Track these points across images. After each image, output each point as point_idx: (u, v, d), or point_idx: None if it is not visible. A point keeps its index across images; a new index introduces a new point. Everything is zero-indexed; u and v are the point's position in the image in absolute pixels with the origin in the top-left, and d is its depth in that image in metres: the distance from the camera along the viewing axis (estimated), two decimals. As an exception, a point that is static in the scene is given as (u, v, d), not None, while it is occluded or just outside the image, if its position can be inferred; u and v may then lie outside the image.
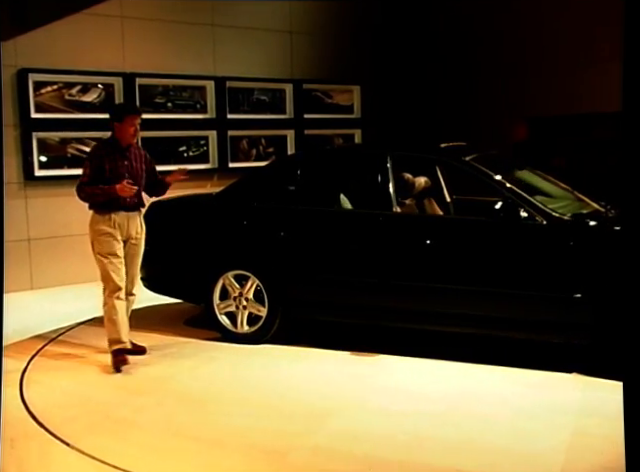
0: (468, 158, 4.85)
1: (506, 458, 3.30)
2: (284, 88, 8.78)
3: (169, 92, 7.87)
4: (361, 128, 9.38)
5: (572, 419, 3.71)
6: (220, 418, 3.88)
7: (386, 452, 3.40)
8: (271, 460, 3.35)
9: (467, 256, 4.61)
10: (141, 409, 4.04)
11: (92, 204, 4.76)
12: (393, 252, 4.78)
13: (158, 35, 7.78)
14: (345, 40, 9.25)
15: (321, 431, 3.67)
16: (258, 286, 5.09)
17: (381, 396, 4.14)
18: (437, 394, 4.14)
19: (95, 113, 7.34)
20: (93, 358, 4.94)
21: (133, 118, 4.74)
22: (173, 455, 3.43)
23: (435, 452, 3.37)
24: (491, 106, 8.81)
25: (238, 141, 8.51)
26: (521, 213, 4.43)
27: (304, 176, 5.51)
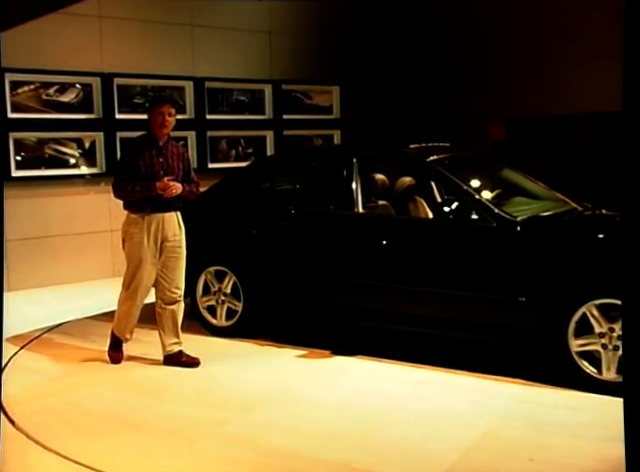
0: (430, 159, 4.86)
1: (402, 455, 3.33)
2: (263, 88, 8.77)
3: (148, 92, 7.82)
4: (340, 129, 9.40)
5: (487, 422, 3.68)
6: (161, 405, 4.05)
7: (294, 444, 3.48)
8: (180, 446, 3.49)
9: (419, 257, 4.65)
10: (120, 409, 4.04)
11: (127, 204, 4.57)
12: (352, 251, 4.88)
13: (136, 35, 7.74)
14: (324, 41, 9.27)
15: (240, 421, 3.78)
16: (235, 282, 5.27)
17: (317, 393, 4.18)
18: (372, 394, 4.15)
19: (73, 113, 7.30)
20: (70, 360, 4.90)
21: (161, 107, 4.50)
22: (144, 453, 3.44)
23: (339, 448, 3.43)
24: (470, 107, 8.87)
25: (217, 142, 8.49)
26: (472, 215, 4.43)
27: (278, 176, 5.82)
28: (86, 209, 7.51)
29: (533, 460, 3.24)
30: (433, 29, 9.33)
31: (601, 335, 3.96)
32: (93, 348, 5.15)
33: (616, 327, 3.90)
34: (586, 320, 4.00)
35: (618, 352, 3.89)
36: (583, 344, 4.03)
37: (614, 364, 3.92)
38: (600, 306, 3.96)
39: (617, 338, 3.90)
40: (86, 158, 7.50)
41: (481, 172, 5.60)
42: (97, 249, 7.63)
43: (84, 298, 6.69)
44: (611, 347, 3.93)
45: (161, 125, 4.48)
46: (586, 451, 3.32)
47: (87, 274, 7.45)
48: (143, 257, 4.52)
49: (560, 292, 4.11)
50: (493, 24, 8.70)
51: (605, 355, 3.96)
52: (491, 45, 8.72)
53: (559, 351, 4.10)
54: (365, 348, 4.93)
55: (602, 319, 3.96)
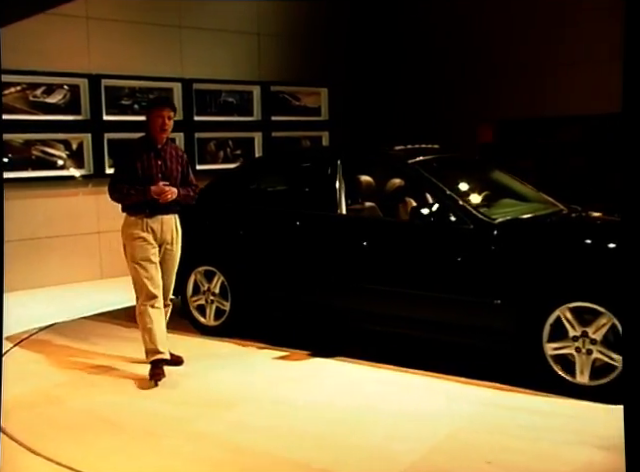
0: (411, 161, 4.87)
1: (362, 455, 3.37)
2: (251, 90, 8.77)
3: (135, 94, 7.79)
4: (329, 130, 9.41)
5: (454, 424, 3.69)
6: (137, 403, 4.14)
7: (260, 443, 3.53)
8: (150, 442, 3.56)
9: (398, 258, 4.66)
10: (97, 407, 4.08)
11: (125, 206, 4.49)
12: (333, 252, 4.90)
13: (124, 36, 7.71)
14: (313, 42, 9.28)
15: (211, 419, 3.84)
16: (223, 282, 5.32)
17: (290, 393, 4.19)
18: (343, 395, 4.16)
19: (60, 115, 7.27)
20: (54, 361, 4.88)
21: (160, 110, 4.42)
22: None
23: (303, 447, 3.47)
24: (459, 108, 8.91)
25: (205, 143, 8.48)
26: (451, 217, 4.43)
27: (266, 177, 5.87)
28: (74, 211, 7.48)
29: (491, 463, 3.25)
30: (422, 31, 9.37)
31: (575, 339, 3.93)
32: (80, 349, 5.16)
33: (589, 331, 3.89)
34: (561, 323, 3.99)
35: (591, 356, 3.89)
36: (557, 348, 4.01)
37: (587, 368, 3.91)
38: (574, 309, 3.94)
39: (590, 342, 3.88)
40: (74, 160, 7.46)
41: (470, 174, 5.63)
42: (85, 251, 7.60)
43: (72, 300, 6.67)
44: (584, 351, 3.91)
45: (161, 129, 4.42)
46: (547, 455, 3.33)
47: (75, 276, 7.42)
48: (147, 256, 4.43)
49: (535, 295, 4.09)
50: (481, 26, 8.75)
51: (579, 359, 3.93)
52: (479, 47, 8.76)
53: (534, 354, 4.08)
54: (347, 349, 4.93)
55: (576, 322, 3.93)
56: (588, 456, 3.29)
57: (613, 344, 3.84)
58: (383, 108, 9.58)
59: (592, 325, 3.89)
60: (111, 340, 5.41)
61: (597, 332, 3.87)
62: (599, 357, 3.89)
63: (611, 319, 3.82)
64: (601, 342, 3.87)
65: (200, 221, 5.57)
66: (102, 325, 5.87)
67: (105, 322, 5.96)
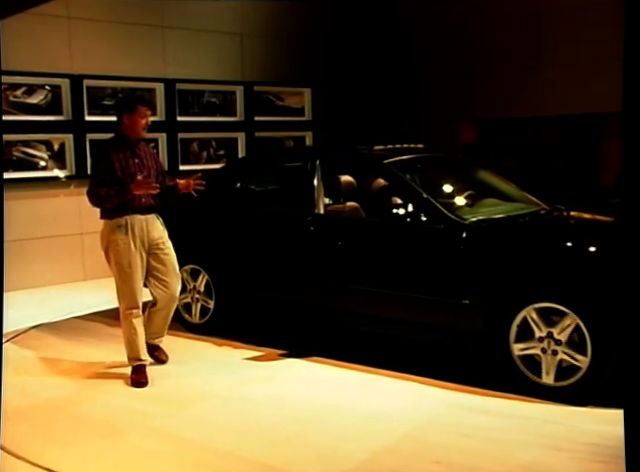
0: (387, 161, 4.88)
1: (313, 453, 3.40)
2: (235, 90, 8.76)
3: (118, 94, 7.75)
4: (312, 130, 9.42)
5: (412, 424, 3.72)
6: (103, 397, 4.25)
7: (217, 440, 3.58)
8: (109, 436, 3.66)
9: (370, 257, 4.68)
10: (67, 401, 4.14)
11: (103, 212, 4.38)
12: (310, 251, 4.93)
13: (106, 36, 7.67)
14: (296, 42, 9.29)
15: (172, 416, 3.91)
16: (208, 280, 5.40)
17: (256, 392, 4.23)
18: (308, 394, 4.18)
19: (41, 115, 7.21)
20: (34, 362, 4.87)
21: (146, 109, 4.38)
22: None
23: (258, 444, 3.52)
24: (441, 108, 8.95)
25: (188, 144, 8.45)
26: (422, 217, 4.44)
27: (249, 178, 5.96)
28: (56, 212, 7.43)
29: (439, 462, 3.28)
30: (404, 31, 9.40)
31: (540, 339, 3.95)
32: (61, 350, 5.16)
33: (555, 331, 3.90)
34: (527, 324, 3.99)
35: (557, 357, 3.90)
36: (524, 348, 4.02)
37: (553, 368, 3.92)
38: (540, 310, 3.95)
39: (555, 343, 3.90)
40: (55, 160, 7.42)
41: (454, 173, 5.67)
42: (68, 252, 7.55)
43: (55, 301, 6.63)
44: (550, 352, 3.92)
45: (143, 128, 4.38)
46: (495, 455, 3.35)
47: (57, 278, 7.37)
48: (133, 262, 4.33)
49: (502, 296, 4.10)
50: (463, 27, 8.79)
51: (544, 359, 3.95)
52: (461, 48, 8.81)
53: (501, 355, 4.09)
54: (324, 349, 4.95)
55: (542, 323, 3.94)
56: (536, 457, 3.32)
57: (578, 345, 3.85)
58: (366, 108, 9.60)
59: (557, 326, 3.90)
60: (93, 341, 5.41)
61: (562, 333, 3.88)
62: (564, 358, 3.90)
63: (575, 320, 3.84)
64: (566, 343, 3.88)
65: (186, 220, 5.60)
66: (84, 326, 5.85)
67: (88, 323, 5.94)
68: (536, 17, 8.11)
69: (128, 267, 4.34)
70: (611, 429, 3.51)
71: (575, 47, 7.76)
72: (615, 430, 3.48)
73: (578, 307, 3.85)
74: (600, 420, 3.68)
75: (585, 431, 3.57)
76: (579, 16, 7.64)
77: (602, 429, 3.57)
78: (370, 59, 9.67)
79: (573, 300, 3.88)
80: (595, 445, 3.41)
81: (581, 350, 3.84)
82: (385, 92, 9.63)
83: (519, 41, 8.28)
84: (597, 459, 3.28)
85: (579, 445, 3.41)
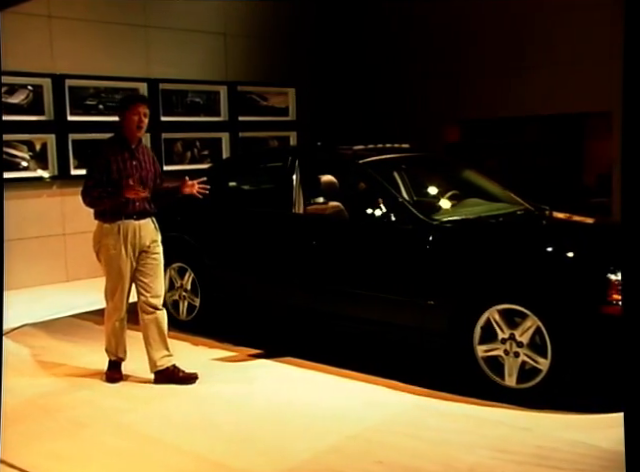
0: (362, 161, 4.88)
1: (260, 451, 3.45)
2: (218, 90, 8.73)
3: (101, 94, 7.71)
4: (296, 130, 9.41)
5: (365, 425, 3.72)
6: (69, 392, 4.34)
7: (171, 435, 3.66)
8: (75, 433, 3.74)
9: (342, 257, 4.71)
10: (39, 396, 4.18)
11: (98, 213, 4.31)
12: (285, 250, 4.98)
13: (88, 36, 7.62)
14: (280, 42, 9.27)
15: (135, 412, 4.01)
16: (194, 278, 5.49)
17: (220, 390, 4.27)
18: (269, 394, 4.21)
19: (23, 115, 7.15)
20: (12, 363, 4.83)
21: (137, 106, 4.26)
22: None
23: (209, 441, 3.58)
24: (425, 109, 8.97)
25: (172, 144, 8.42)
26: (392, 217, 4.45)
27: (233, 177, 6.02)
28: (38, 213, 7.37)
29: (382, 462, 3.30)
30: (388, 32, 9.41)
31: (503, 341, 3.93)
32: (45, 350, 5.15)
33: (516, 333, 3.88)
34: (491, 326, 3.97)
35: (519, 359, 3.88)
36: (487, 350, 4.00)
37: (515, 371, 3.90)
38: (502, 311, 3.93)
39: (517, 345, 3.88)
40: (37, 161, 7.36)
41: (439, 173, 5.68)
42: (50, 253, 7.49)
43: (37, 303, 6.58)
44: (512, 353, 3.90)
45: (137, 127, 4.26)
46: (440, 457, 3.35)
47: (40, 279, 7.31)
48: (122, 268, 4.29)
49: (465, 297, 4.09)
50: (446, 29, 8.81)
51: (507, 361, 3.92)
52: (445, 48, 8.83)
53: (466, 356, 4.07)
54: (301, 349, 4.97)
55: (504, 325, 3.92)
56: (480, 459, 3.31)
57: (540, 347, 3.82)
58: (351, 108, 9.61)
59: (519, 328, 3.88)
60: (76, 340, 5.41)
61: (523, 335, 3.86)
62: (526, 360, 3.87)
63: (536, 322, 3.81)
64: (528, 345, 3.86)
65: (173, 218, 5.63)
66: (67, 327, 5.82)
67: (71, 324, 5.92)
68: (519, 18, 8.15)
69: (117, 273, 4.31)
70: (564, 434, 3.51)
71: (557, 48, 7.81)
72: (568, 435, 3.51)
73: (538, 309, 3.82)
74: (555, 424, 3.65)
75: (537, 435, 3.54)
76: (561, 17, 7.69)
77: (555, 434, 3.53)
78: (354, 59, 9.67)
79: (534, 302, 3.85)
80: (543, 449, 3.38)
81: (542, 352, 3.81)
82: (369, 92, 9.64)
83: (502, 42, 8.31)
84: (541, 463, 3.25)
85: (527, 448, 3.39)
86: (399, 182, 5.41)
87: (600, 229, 4.85)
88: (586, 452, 3.34)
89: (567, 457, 3.31)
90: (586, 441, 3.43)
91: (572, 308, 3.76)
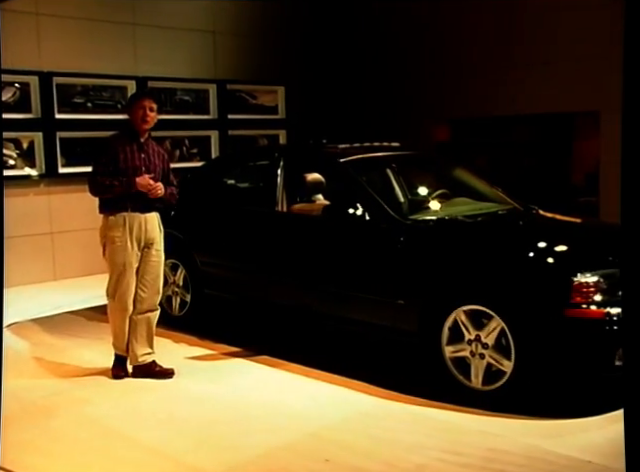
0: (343, 160, 4.88)
1: (213, 446, 3.52)
2: (207, 88, 8.70)
3: (89, 92, 7.66)
4: (286, 129, 9.39)
5: (323, 425, 3.75)
6: (43, 383, 4.45)
7: (132, 429, 3.74)
8: (37, 421, 3.85)
9: (320, 255, 4.72)
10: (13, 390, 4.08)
11: (103, 205, 4.32)
12: (265, 247, 5.03)
13: (76, 33, 7.57)
14: (269, 41, 9.25)
15: (102, 405, 4.08)
16: (186, 275, 5.56)
17: (189, 386, 4.33)
18: (235, 391, 4.24)
19: (10, 113, 7.09)
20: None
21: (141, 101, 4.34)
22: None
23: (167, 434, 3.67)
24: (415, 108, 8.98)
25: (161, 142, 8.34)
26: (366, 216, 4.44)
27: (224, 176, 6.08)
28: (25, 211, 7.31)
29: (329, 461, 3.32)
30: (378, 30, 9.41)
31: (469, 342, 3.91)
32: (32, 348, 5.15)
33: (482, 334, 3.85)
34: (459, 326, 3.96)
35: (484, 360, 3.86)
36: (455, 351, 3.98)
37: (481, 372, 3.87)
38: (469, 312, 3.91)
39: (482, 346, 3.85)
40: (24, 159, 7.30)
41: (429, 172, 5.68)
42: (38, 252, 7.44)
43: (24, 302, 6.53)
44: (478, 355, 3.88)
45: (142, 120, 4.30)
46: (388, 457, 3.35)
47: (27, 278, 7.25)
48: (127, 261, 4.28)
49: (433, 297, 4.07)
50: (437, 27, 8.82)
51: (473, 362, 3.90)
52: (435, 48, 8.84)
53: (434, 357, 4.06)
54: (279, 347, 5.00)
55: (471, 326, 3.90)
56: (428, 460, 3.30)
57: (505, 349, 3.78)
58: (341, 107, 9.60)
59: (484, 329, 3.86)
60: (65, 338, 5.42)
61: (489, 336, 3.83)
62: (491, 362, 3.85)
63: (500, 323, 3.77)
64: (493, 347, 3.82)
65: (166, 214, 5.61)
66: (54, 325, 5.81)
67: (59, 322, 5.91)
68: (508, 18, 8.17)
69: (122, 265, 4.29)
70: (521, 438, 3.47)
71: (546, 48, 7.84)
72: (524, 439, 3.47)
73: (502, 310, 3.78)
74: (514, 428, 3.60)
75: (492, 438, 3.50)
76: (551, 16, 7.72)
77: (511, 437, 3.50)
78: (344, 58, 9.67)
79: (498, 303, 3.81)
80: (494, 452, 3.35)
81: (507, 355, 3.78)
82: (359, 91, 9.64)
83: (491, 42, 8.34)
84: (487, 466, 3.23)
85: (479, 451, 3.37)
86: (387, 181, 5.38)
87: (581, 229, 4.80)
88: (539, 456, 3.29)
89: (516, 461, 3.26)
90: (543, 446, 3.38)
91: (535, 310, 3.71)
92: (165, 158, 4.54)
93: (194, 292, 5.51)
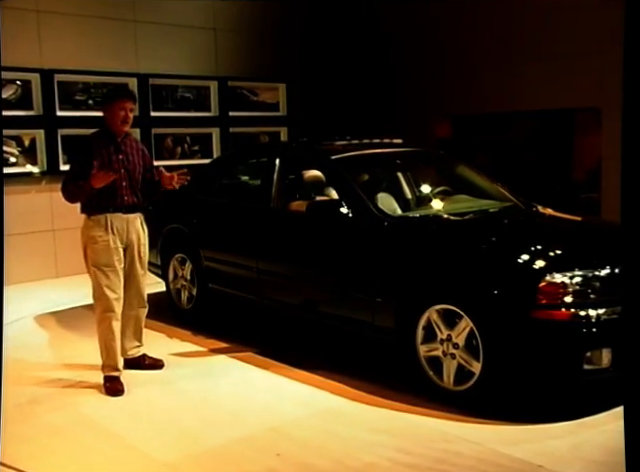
0: (335, 157, 4.89)
1: (170, 433, 3.64)
2: (209, 85, 8.70)
3: (90, 89, 7.66)
4: (287, 126, 9.39)
5: (285, 420, 3.77)
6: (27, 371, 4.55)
7: (100, 417, 3.88)
8: (24, 414, 3.90)
9: (305, 250, 4.76)
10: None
11: (84, 206, 4.19)
12: (260, 245, 5.07)
13: (77, 31, 7.57)
14: (270, 37, 9.24)
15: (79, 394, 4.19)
16: (192, 269, 5.66)
17: (174, 381, 4.40)
18: (209, 388, 4.27)
19: (11, 110, 7.10)
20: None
21: (123, 102, 4.15)
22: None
23: (130, 424, 3.78)
24: (416, 104, 8.97)
25: (162, 139, 8.38)
26: (349, 214, 4.42)
27: (229, 173, 6.22)
28: (27, 209, 7.32)
29: (279, 456, 3.36)
30: (380, 27, 9.40)
31: (441, 342, 3.87)
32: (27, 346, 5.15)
33: (453, 334, 3.81)
34: (432, 326, 3.93)
35: (455, 361, 3.81)
36: (428, 350, 3.95)
37: (452, 372, 3.83)
38: (442, 312, 3.86)
39: (453, 346, 3.81)
40: (26, 156, 7.31)
41: (431, 168, 5.65)
42: (39, 249, 7.45)
43: (26, 299, 6.55)
44: (449, 355, 3.84)
45: (122, 122, 4.15)
46: (339, 455, 3.36)
47: (29, 275, 7.27)
48: (111, 260, 4.15)
49: (408, 296, 4.04)
50: (437, 25, 8.81)
51: (445, 362, 3.86)
52: (436, 45, 8.83)
53: (409, 355, 4.04)
54: (276, 345, 5.05)
55: (443, 325, 3.86)
56: (377, 459, 3.30)
57: (475, 350, 3.72)
58: (342, 103, 9.59)
59: (455, 329, 3.81)
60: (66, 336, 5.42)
61: (459, 336, 3.78)
62: (461, 362, 3.80)
63: (469, 324, 3.72)
64: (464, 347, 3.77)
65: (174, 210, 5.91)
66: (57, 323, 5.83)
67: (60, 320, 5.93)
68: (509, 15, 8.16)
69: (106, 266, 4.15)
70: (481, 441, 3.41)
71: (547, 44, 7.83)
72: (484, 442, 3.40)
73: (471, 310, 3.73)
74: (475, 431, 3.53)
75: (450, 439, 3.46)
76: (552, 13, 7.71)
77: (471, 439, 3.44)
78: (345, 54, 9.65)
79: (467, 303, 3.76)
80: (447, 453, 3.33)
81: (477, 355, 3.72)
82: (360, 87, 9.63)
83: (493, 39, 8.32)
84: (434, 467, 3.21)
85: (432, 452, 3.34)
86: (384, 179, 5.32)
87: (569, 229, 4.65)
88: (491, 459, 3.24)
89: (465, 463, 3.23)
90: (500, 450, 3.33)
91: (502, 311, 3.64)
92: (145, 154, 4.40)
93: (199, 286, 5.59)
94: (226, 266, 5.38)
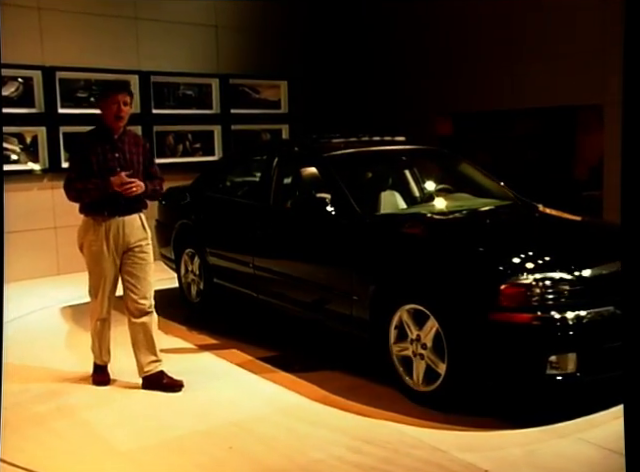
0: (327, 155, 4.89)
1: (139, 425, 3.74)
2: (210, 83, 8.69)
3: (92, 86, 7.66)
4: (289, 123, 9.38)
5: (251, 416, 3.80)
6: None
7: (83, 413, 3.93)
8: (17, 411, 3.92)
9: (291, 246, 4.85)
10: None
11: (83, 207, 4.11)
12: (255, 241, 5.13)
13: (79, 28, 7.57)
14: (272, 35, 9.23)
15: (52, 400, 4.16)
16: (200, 264, 5.80)
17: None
18: (190, 385, 4.26)
19: (13, 108, 7.10)
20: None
21: (115, 96, 4.00)
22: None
23: (107, 421, 3.84)
24: (418, 101, 8.95)
25: (164, 136, 8.38)
26: (332, 211, 4.43)
27: (235, 171, 6.37)
28: (29, 206, 7.34)
29: (231, 449, 3.43)
30: (381, 25, 9.38)
31: (411, 342, 3.85)
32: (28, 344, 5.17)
33: (422, 335, 3.78)
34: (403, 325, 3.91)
35: (423, 361, 3.79)
36: (400, 349, 3.93)
37: (421, 372, 3.81)
38: (412, 312, 3.84)
39: (422, 346, 3.79)
40: (28, 154, 7.31)
41: (433, 166, 5.65)
42: (41, 246, 7.47)
43: (28, 297, 6.55)
44: (418, 355, 3.82)
45: (116, 116, 4.01)
46: (292, 452, 3.38)
47: (31, 272, 7.29)
48: (104, 265, 4.09)
49: (381, 294, 4.02)
50: (438, 22, 8.80)
51: (414, 362, 3.85)
52: (437, 42, 8.82)
53: (382, 354, 4.02)
54: (268, 339, 5.10)
55: (413, 325, 3.83)
56: (328, 457, 3.30)
57: (441, 351, 3.69)
58: (343, 101, 9.58)
59: (423, 329, 3.78)
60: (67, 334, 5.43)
61: (427, 337, 3.75)
62: (429, 363, 3.77)
63: (435, 324, 3.69)
64: (432, 348, 3.74)
65: (187, 206, 6.05)
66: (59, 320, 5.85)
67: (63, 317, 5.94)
68: (511, 12, 8.14)
69: (97, 272, 4.12)
70: (435, 443, 3.38)
71: (549, 42, 7.81)
72: (438, 444, 3.37)
73: (437, 311, 3.70)
74: (436, 435, 3.48)
75: (405, 440, 3.44)
76: (554, 11, 7.69)
77: (427, 441, 3.41)
78: (347, 52, 9.64)
79: (433, 303, 3.73)
80: (397, 453, 3.31)
81: (442, 356, 3.69)
82: (362, 85, 9.61)
83: (495, 36, 8.31)
84: (377, 466, 3.20)
85: (383, 452, 3.32)
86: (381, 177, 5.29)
87: (555, 230, 4.54)
88: (438, 462, 3.21)
89: (410, 464, 3.20)
90: (453, 453, 3.28)
91: (465, 312, 3.59)
92: (145, 150, 4.24)
93: (206, 281, 5.73)
94: (228, 262, 5.48)
